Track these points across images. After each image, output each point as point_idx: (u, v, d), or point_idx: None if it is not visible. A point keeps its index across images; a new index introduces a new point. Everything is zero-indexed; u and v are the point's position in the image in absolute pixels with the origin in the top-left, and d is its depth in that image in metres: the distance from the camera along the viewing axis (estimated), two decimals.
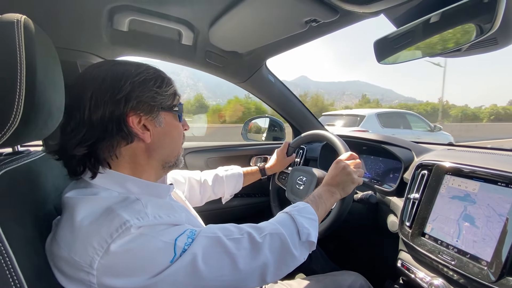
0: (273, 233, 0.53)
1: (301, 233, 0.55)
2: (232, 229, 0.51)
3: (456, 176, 0.70)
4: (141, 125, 0.51)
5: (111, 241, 0.39)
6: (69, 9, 0.77)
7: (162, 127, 0.54)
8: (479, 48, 0.63)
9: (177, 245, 0.43)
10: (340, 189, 0.74)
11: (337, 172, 0.76)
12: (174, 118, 0.57)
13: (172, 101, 0.56)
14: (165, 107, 0.54)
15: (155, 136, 0.53)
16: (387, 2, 0.61)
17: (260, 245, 0.50)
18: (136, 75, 0.51)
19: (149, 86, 0.51)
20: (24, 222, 0.45)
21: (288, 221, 0.57)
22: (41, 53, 0.48)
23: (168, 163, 0.58)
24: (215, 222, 0.54)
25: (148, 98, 0.51)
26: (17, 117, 0.42)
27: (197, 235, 0.46)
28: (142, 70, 0.52)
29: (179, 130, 0.59)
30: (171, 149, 0.57)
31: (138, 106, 0.50)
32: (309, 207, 0.63)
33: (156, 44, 0.99)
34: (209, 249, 0.45)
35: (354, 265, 1.05)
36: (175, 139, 0.58)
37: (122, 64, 0.53)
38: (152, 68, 0.55)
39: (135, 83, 0.50)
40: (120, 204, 0.44)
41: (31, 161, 0.57)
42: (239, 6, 0.74)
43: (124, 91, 0.49)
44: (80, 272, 0.40)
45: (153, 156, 0.55)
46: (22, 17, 0.44)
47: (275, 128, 1.67)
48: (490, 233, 0.59)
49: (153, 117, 0.52)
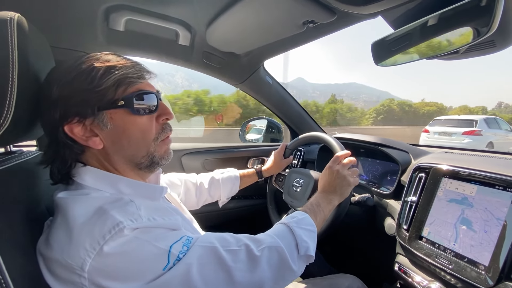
0: (271, 247, 0.50)
1: (300, 247, 0.53)
2: (230, 240, 0.49)
3: (454, 179, 0.70)
4: (88, 130, 0.46)
5: (103, 242, 0.38)
6: (64, 8, 0.77)
7: (111, 128, 0.47)
8: (476, 51, 0.63)
9: (172, 253, 0.41)
10: (337, 195, 0.73)
11: (331, 177, 0.75)
12: (125, 113, 0.47)
13: (113, 95, 0.45)
14: (104, 105, 0.45)
15: (107, 140, 0.47)
16: (384, 3, 0.61)
17: (257, 259, 0.48)
18: (65, 75, 0.44)
19: (79, 85, 0.44)
20: (15, 223, 0.44)
21: (286, 234, 0.55)
22: (34, 52, 0.47)
23: (140, 165, 0.51)
24: (211, 225, 0.53)
25: (79, 99, 0.44)
26: (8, 117, 0.41)
27: (193, 243, 0.45)
28: (75, 65, 0.45)
29: (140, 126, 0.49)
30: (133, 150, 0.49)
31: (67, 113, 0.44)
32: (307, 217, 0.61)
33: (152, 45, 0.99)
34: (204, 259, 0.43)
35: (351, 268, 1.05)
36: (135, 138, 0.49)
37: (68, 61, 0.47)
38: (90, 60, 0.46)
39: (62, 85, 0.44)
40: (113, 205, 0.43)
41: (24, 161, 0.56)
42: (237, 7, 0.73)
43: (53, 98, 0.44)
44: (72, 275, 0.38)
45: (116, 161, 0.49)
46: (15, 15, 0.43)
47: (272, 130, 1.67)
48: (487, 237, 0.59)
49: (94, 120, 0.46)
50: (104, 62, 0.46)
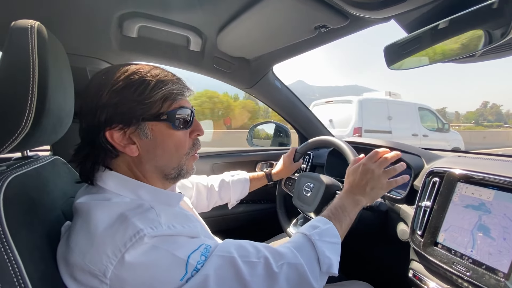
0: (291, 263, 0.48)
1: (322, 263, 0.51)
2: (249, 249, 0.48)
3: (469, 184, 0.68)
4: (127, 137, 0.48)
5: (125, 250, 0.39)
6: (80, 16, 0.79)
7: (150, 139, 0.49)
8: (493, 54, 0.62)
9: (190, 263, 0.42)
10: (366, 197, 0.67)
11: (364, 177, 0.68)
12: (166, 127, 0.50)
13: (159, 108, 0.48)
14: (148, 117, 0.48)
15: (143, 149, 0.49)
16: (398, 8, 0.61)
17: (276, 276, 0.46)
18: (116, 83, 0.46)
19: (128, 95, 0.46)
20: (33, 227, 0.45)
21: (307, 249, 0.52)
22: (53, 59, 0.48)
23: (168, 175, 0.53)
24: (221, 229, 0.53)
25: (125, 108, 0.46)
26: (28, 122, 0.42)
27: (211, 253, 0.45)
28: (126, 75, 0.47)
29: (176, 140, 0.51)
30: (165, 161, 0.52)
31: (113, 119, 0.46)
32: (332, 227, 0.58)
33: (164, 50, 1.00)
34: (222, 271, 0.43)
35: (363, 274, 1.03)
36: (169, 150, 0.51)
37: (117, 68, 0.49)
38: (140, 72, 0.48)
39: (113, 92, 0.46)
40: (134, 212, 0.43)
41: (40, 166, 0.57)
42: (248, 13, 0.74)
43: (101, 103, 0.46)
44: (94, 279, 0.39)
45: (146, 169, 0.51)
46: (35, 23, 0.45)
47: (280, 134, 1.67)
48: (507, 245, 0.57)
49: (135, 129, 0.48)
50: (154, 77, 0.48)
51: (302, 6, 0.67)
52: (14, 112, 0.41)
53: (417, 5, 0.58)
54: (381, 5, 0.60)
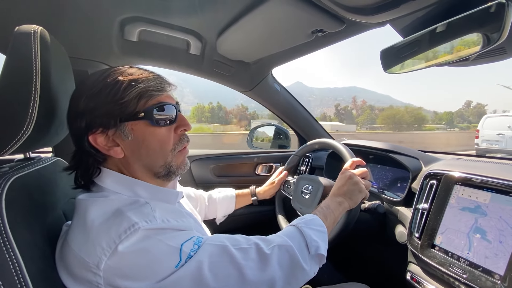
0: (281, 245, 0.50)
1: (310, 246, 0.53)
2: (240, 239, 0.50)
3: (466, 186, 0.68)
4: (110, 140, 0.48)
5: (119, 241, 0.40)
6: (82, 21, 0.80)
7: (131, 138, 0.49)
8: (487, 58, 0.63)
9: (183, 251, 0.43)
10: (347, 198, 0.71)
11: (343, 182, 0.74)
12: (145, 125, 0.49)
13: (135, 107, 0.47)
14: (125, 117, 0.47)
15: (127, 150, 0.49)
16: (393, 13, 0.62)
17: (268, 257, 0.48)
18: (92, 87, 0.47)
19: (104, 97, 0.46)
20: (34, 227, 0.46)
21: (295, 234, 0.55)
22: (55, 63, 0.49)
23: (158, 174, 0.53)
24: (220, 231, 0.54)
25: (103, 111, 0.46)
26: (31, 124, 0.43)
27: (204, 242, 0.46)
28: (101, 78, 0.47)
29: (158, 137, 0.50)
30: (151, 160, 0.51)
31: (92, 124, 0.47)
32: (316, 218, 0.61)
33: (164, 54, 1.02)
34: (215, 257, 0.44)
35: (362, 276, 1.03)
36: (153, 148, 0.50)
37: (96, 74, 0.49)
38: (115, 73, 0.48)
39: (89, 97, 0.46)
40: (129, 207, 0.44)
41: (42, 167, 0.58)
42: (247, 17, 0.75)
43: (80, 109, 0.46)
44: (88, 273, 0.40)
45: (135, 169, 0.51)
46: (38, 28, 0.46)
47: (280, 136, 1.67)
48: (503, 248, 0.57)
49: (116, 131, 0.48)
50: (128, 76, 0.48)
51: (299, 11, 0.68)
52: (17, 115, 0.43)
53: (411, 11, 0.59)
54: (376, 10, 0.61)
